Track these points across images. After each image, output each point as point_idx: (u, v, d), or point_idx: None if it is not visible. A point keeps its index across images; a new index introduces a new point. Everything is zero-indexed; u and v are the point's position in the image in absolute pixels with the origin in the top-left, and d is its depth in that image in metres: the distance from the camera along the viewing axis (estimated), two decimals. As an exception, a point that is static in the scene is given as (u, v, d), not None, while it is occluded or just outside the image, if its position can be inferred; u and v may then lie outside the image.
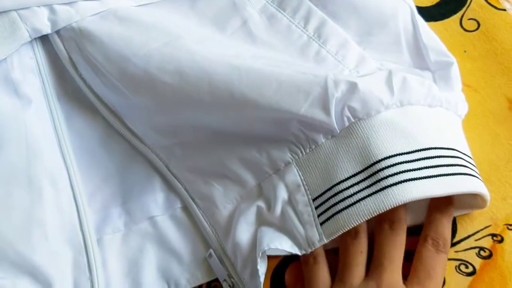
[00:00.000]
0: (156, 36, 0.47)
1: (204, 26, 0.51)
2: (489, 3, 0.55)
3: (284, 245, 0.39)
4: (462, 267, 0.44)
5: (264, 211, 0.42)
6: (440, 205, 0.42)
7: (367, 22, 0.49)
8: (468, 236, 0.45)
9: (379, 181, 0.38)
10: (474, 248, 0.45)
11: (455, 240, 0.45)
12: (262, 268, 0.39)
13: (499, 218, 0.45)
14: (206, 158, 0.46)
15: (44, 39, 0.51)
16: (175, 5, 0.53)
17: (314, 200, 0.40)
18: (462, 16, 0.55)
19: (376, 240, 0.41)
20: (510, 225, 0.45)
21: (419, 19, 0.49)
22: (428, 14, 0.53)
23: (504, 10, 0.54)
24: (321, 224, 0.39)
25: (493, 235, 0.45)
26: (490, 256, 0.44)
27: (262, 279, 0.39)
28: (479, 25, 0.54)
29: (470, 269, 0.44)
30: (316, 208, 0.40)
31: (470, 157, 0.43)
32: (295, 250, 0.39)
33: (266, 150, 0.43)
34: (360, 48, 0.47)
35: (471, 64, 0.52)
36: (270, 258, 0.41)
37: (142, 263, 0.45)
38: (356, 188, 0.39)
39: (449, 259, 0.43)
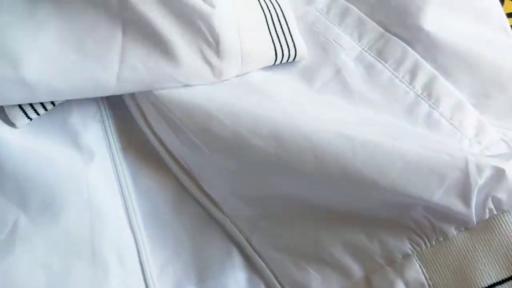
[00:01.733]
0: (242, 92, 0.39)
1: (289, 74, 0.43)
2: None
3: None
4: None
5: (378, 312, 0.34)
6: None
7: (483, 82, 0.41)
8: None
9: (536, 296, 0.30)
10: None
11: None
12: None
13: None
14: (299, 236, 0.38)
15: None
16: None
17: (445, 306, 0.32)
18: None
19: None
20: None
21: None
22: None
23: None
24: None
25: None
26: None
27: None
28: None
29: None
30: (448, 316, 0.32)
31: None
32: None
33: (378, 236, 0.35)
34: (477, 112, 0.39)
35: None
36: None
37: None
38: (504, 301, 0.31)
39: None
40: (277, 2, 0.42)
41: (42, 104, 0.40)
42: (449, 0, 0.44)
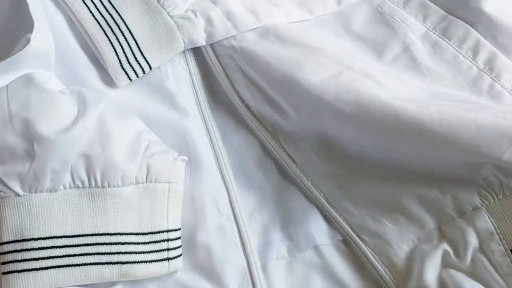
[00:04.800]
0: (324, 63, 0.43)
1: (361, 49, 0.48)
2: None
3: None
4: None
5: (451, 256, 0.39)
6: None
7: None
8: None
9: None
10: None
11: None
12: None
13: None
14: (376, 192, 0.42)
15: (196, 51, 0.47)
16: (328, 25, 0.50)
17: (512, 250, 0.37)
18: None
19: None
20: None
21: None
22: None
23: None
24: (526, 277, 0.36)
25: None
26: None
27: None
28: None
29: None
30: (517, 259, 0.37)
31: None
32: None
33: (450, 191, 0.40)
34: (533, 86, 0.44)
35: None
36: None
37: None
38: None
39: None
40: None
41: (141, 67, 0.44)
42: (509, -15, 0.48)
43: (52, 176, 0.35)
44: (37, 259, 0.34)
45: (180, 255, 0.38)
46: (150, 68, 0.44)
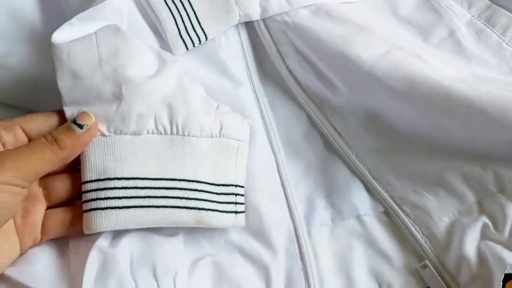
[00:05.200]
0: (374, 41, 0.45)
1: (408, 31, 0.50)
2: None
3: None
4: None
5: (490, 229, 0.41)
6: None
7: None
8: None
9: None
10: None
11: None
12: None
13: None
14: (419, 166, 0.44)
15: (248, 25, 0.49)
16: (377, 8, 0.51)
17: (550, 225, 0.39)
18: None
19: None
20: None
21: None
22: None
23: None
24: None
25: None
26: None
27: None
28: None
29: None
30: (554, 234, 0.39)
31: None
32: None
33: (492, 168, 0.42)
34: None
35: None
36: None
37: (352, 260, 0.43)
38: None
39: None
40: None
41: (197, 37, 0.46)
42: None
43: (137, 119, 0.36)
44: (119, 198, 0.35)
45: (244, 211, 0.40)
46: (206, 38, 0.45)
